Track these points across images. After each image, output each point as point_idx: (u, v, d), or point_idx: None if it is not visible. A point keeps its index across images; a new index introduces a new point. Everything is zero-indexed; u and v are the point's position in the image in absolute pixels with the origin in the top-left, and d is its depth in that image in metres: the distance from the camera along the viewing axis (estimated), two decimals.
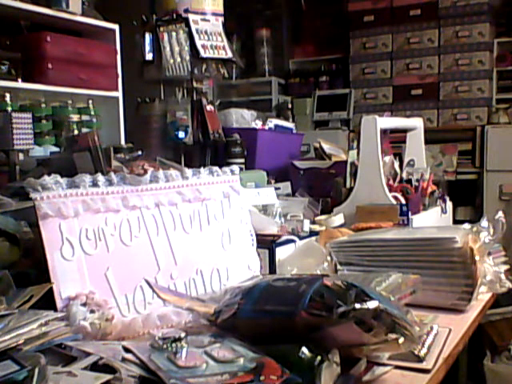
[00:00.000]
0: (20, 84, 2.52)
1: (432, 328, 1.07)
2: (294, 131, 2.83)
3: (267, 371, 0.75)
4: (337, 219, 1.63)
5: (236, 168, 1.29)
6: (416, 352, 0.93)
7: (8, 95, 2.43)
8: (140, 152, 1.81)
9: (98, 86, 2.86)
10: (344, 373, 0.83)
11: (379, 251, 1.29)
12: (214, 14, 2.57)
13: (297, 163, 2.26)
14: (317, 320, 0.80)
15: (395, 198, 1.73)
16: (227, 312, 0.91)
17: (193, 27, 2.47)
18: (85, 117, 2.90)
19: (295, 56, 5.15)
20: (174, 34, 2.43)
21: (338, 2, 4.71)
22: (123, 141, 2.93)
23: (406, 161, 2.08)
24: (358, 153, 1.77)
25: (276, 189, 1.81)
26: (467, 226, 1.30)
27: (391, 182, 1.84)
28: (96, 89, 2.85)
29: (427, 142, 2.15)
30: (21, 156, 1.76)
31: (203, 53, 2.46)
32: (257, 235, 1.29)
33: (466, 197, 3.90)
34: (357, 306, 0.78)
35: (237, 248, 1.23)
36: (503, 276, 1.30)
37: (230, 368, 0.76)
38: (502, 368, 2.59)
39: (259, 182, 1.91)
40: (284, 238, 1.38)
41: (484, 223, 1.32)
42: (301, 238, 1.43)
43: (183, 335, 0.81)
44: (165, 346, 0.79)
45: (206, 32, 2.50)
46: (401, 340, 0.80)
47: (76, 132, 2.78)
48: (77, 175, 1.04)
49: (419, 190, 1.82)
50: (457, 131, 4.16)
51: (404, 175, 1.93)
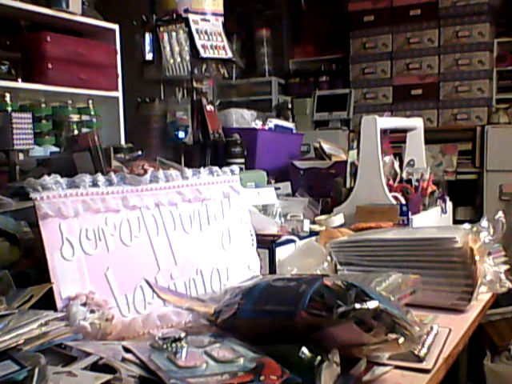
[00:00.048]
0: (20, 84, 2.53)
1: (432, 328, 1.07)
2: (294, 131, 2.83)
3: (267, 371, 0.75)
4: (337, 219, 1.63)
5: (236, 168, 1.29)
6: (416, 352, 0.93)
7: (8, 95, 2.43)
8: (140, 152, 1.81)
9: (98, 86, 2.86)
10: (344, 373, 0.83)
11: (379, 251, 1.29)
12: (214, 14, 2.57)
13: (297, 163, 2.26)
14: (317, 320, 0.80)
15: (395, 198, 1.73)
16: (227, 312, 0.91)
17: (193, 27, 2.47)
18: (85, 117, 2.90)
19: (295, 56, 5.15)
20: (174, 34, 2.43)
21: (338, 2, 4.71)
22: (123, 141, 2.93)
23: (406, 161, 2.08)
24: (358, 153, 1.77)
25: (276, 189, 1.81)
26: (467, 226, 1.30)
27: (391, 182, 1.84)
28: (96, 89, 2.85)
29: (427, 142, 2.15)
30: (21, 156, 1.76)
31: (203, 53, 2.46)
32: (257, 235, 1.29)
33: (466, 197, 3.90)
34: (357, 306, 0.78)
35: (237, 248, 1.23)
36: (503, 276, 1.30)
37: (230, 368, 0.76)
38: (502, 368, 2.59)
39: (259, 182, 1.91)
40: (284, 238, 1.38)
41: (484, 223, 1.32)
42: (301, 238, 1.43)
43: (183, 335, 0.81)
44: (165, 346, 0.79)
45: (206, 32, 2.50)
46: (401, 340, 0.80)
47: (76, 132, 2.78)
48: (77, 175, 1.04)
49: (419, 190, 1.82)
50: (457, 131, 4.16)
51: (404, 175, 1.93)
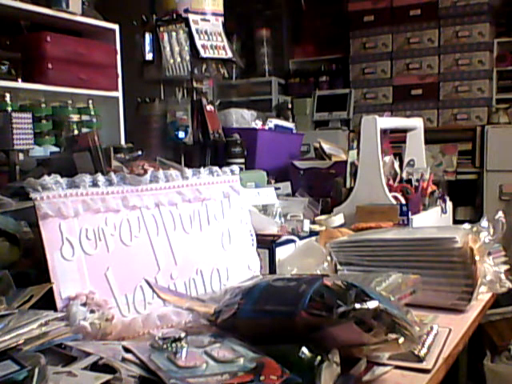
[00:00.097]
0: (20, 84, 2.53)
1: (432, 328, 1.07)
2: (294, 131, 2.83)
3: (267, 371, 0.75)
4: (337, 219, 1.63)
5: (236, 168, 1.29)
6: (416, 352, 0.93)
7: (8, 95, 2.43)
8: (140, 152, 1.81)
9: (98, 86, 2.86)
10: (344, 373, 0.83)
11: (379, 251, 1.29)
12: (214, 14, 2.57)
13: (297, 163, 2.26)
14: (317, 320, 0.80)
15: (395, 198, 1.73)
16: (227, 312, 0.91)
17: (193, 27, 2.47)
18: (85, 117, 2.90)
19: (295, 56, 5.15)
20: (174, 34, 2.43)
21: (338, 2, 4.71)
22: (123, 141, 2.93)
23: (406, 161, 2.08)
24: (358, 153, 1.77)
25: (276, 189, 1.81)
26: (467, 226, 1.30)
27: (391, 182, 1.84)
28: (96, 89, 2.85)
29: (427, 142, 2.15)
30: (21, 156, 1.76)
31: (203, 53, 2.46)
32: (257, 235, 1.29)
33: (466, 197, 3.90)
34: (357, 306, 0.78)
35: (237, 248, 1.23)
36: (503, 276, 1.30)
37: (230, 368, 0.76)
38: (502, 368, 2.59)
39: (259, 182, 1.91)
40: (284, 238, 1.38)
41: (484, 223, 1.32)
42: (301, 238, 1.43)
43: (183, 335, 0.81)
44: (165, 346, 0.79)
45: (206, 32, 2.50)
46: (401, 340, 0.80)
47: (76, 132, 2.78)
48: (77, 175, 1.04)
49: (419, 190, 1.82)
50: (457, 131, 4.16)
51: (404, 175, 1.93)
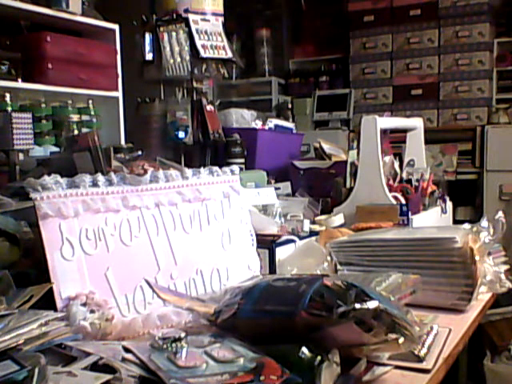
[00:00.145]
0: (20, 84, 2.53)
1: (432, 328, 1.07)
2: (294, 131, 2.83)
3: (267, 371, 0.75)
4: (337, 219, 1.63)
5: (236, 168, 1.29)
6: (416, 352, 0.93)
7: (8, 95, 2.43)
8: (140, 152, 1.81)
9: (98, 86, 2.86)
10: (344, 373, 0.83)
11: (379, 251, 1.29)
12: (214, 14, 2.57)
13: (297, 163, 2.26)
14: (317, 320, 0.80)
15: (395, 198, 1.73)
16: (227, 312, 0.91)
17: (193, 27, 2.47)
18: (85, 117, 2.90)
19: (295, 56, 5.15)
20: (174, 34, 2.43)
21: (338, 2, 4.71)
22: (123, 141, 2.93)
23: (406, 161, 2.08)
24: (358, 153, 1.77)
25: (276, 189, 1.81)
26: (467, 226, 1.30)
27: (391, 182, 1.84)
28: (96, 89, 2.85)
29: (427, 142, 2.15)
30: (21, 156, 1.76)
31: (203, 53, 2.46)
32: (257, 235, 1.29)
33: (466, 197, 3.90)
34: (357, 306, 0.78)
35: (237, 248, 1.23)
36: (503, 276, 1.30)
37: (230, 368, 0.76)
38: (502, 368, 2.59)
39: (259, 182, 1.91)
40: (284, 238, 1.38)
41: (484, 223, 1.32)
42: (301, 238, 1.43)
43: (183, 335, 0.81)
44: (165, 346, 0.79)
45: (206, 32, 2.50)
46: (401, 340, 0.80)
47: (76, 132, 2.78)
48: (77, 175, 1.04)
49: (419, 190, 1.82)
50: (457, 131, 4.16)
51: (404, 175, 1.93)
